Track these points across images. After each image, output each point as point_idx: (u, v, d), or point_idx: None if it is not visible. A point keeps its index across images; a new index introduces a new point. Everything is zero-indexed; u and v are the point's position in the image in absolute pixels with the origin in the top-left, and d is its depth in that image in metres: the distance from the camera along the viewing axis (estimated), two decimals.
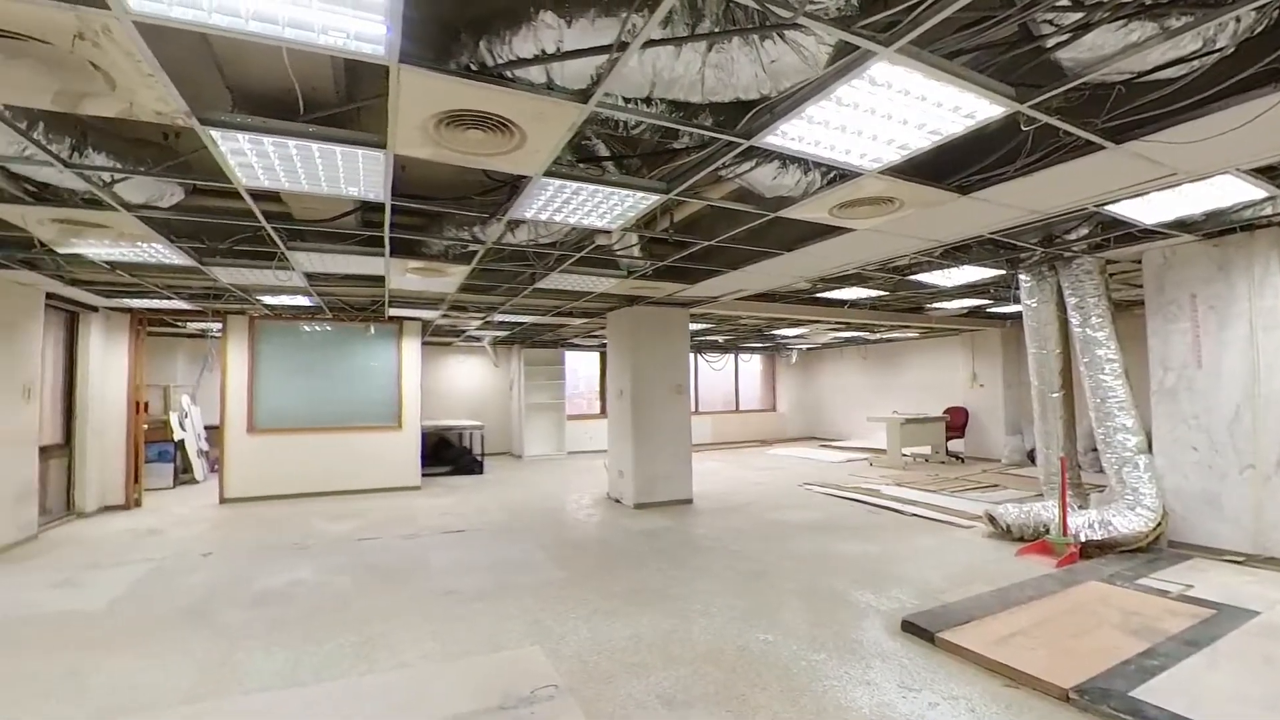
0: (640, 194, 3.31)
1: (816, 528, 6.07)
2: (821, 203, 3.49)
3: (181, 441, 8.98)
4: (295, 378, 8.27)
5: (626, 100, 2.36)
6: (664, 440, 7.36)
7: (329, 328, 8.44)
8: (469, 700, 2.75)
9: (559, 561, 4.97)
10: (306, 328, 8.35)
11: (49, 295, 6.11)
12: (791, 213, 3.65)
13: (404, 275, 5.37)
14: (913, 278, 6.16)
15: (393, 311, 7.90)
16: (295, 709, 2.73)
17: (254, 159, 2.76)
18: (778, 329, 10.56)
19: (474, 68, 2.12)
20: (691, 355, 12.00)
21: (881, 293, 7.09)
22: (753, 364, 15.80)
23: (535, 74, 2.14)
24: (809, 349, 15.16)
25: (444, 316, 8.33)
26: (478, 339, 11.73)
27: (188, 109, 2.28)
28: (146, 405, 7.93)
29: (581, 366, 14.22)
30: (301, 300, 6.83)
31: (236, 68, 2.44)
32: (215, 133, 2.47)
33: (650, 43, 1.97)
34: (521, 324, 9.36)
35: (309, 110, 2.50)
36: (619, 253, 4.90)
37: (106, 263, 4.80)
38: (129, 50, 1.88)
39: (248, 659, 3.20)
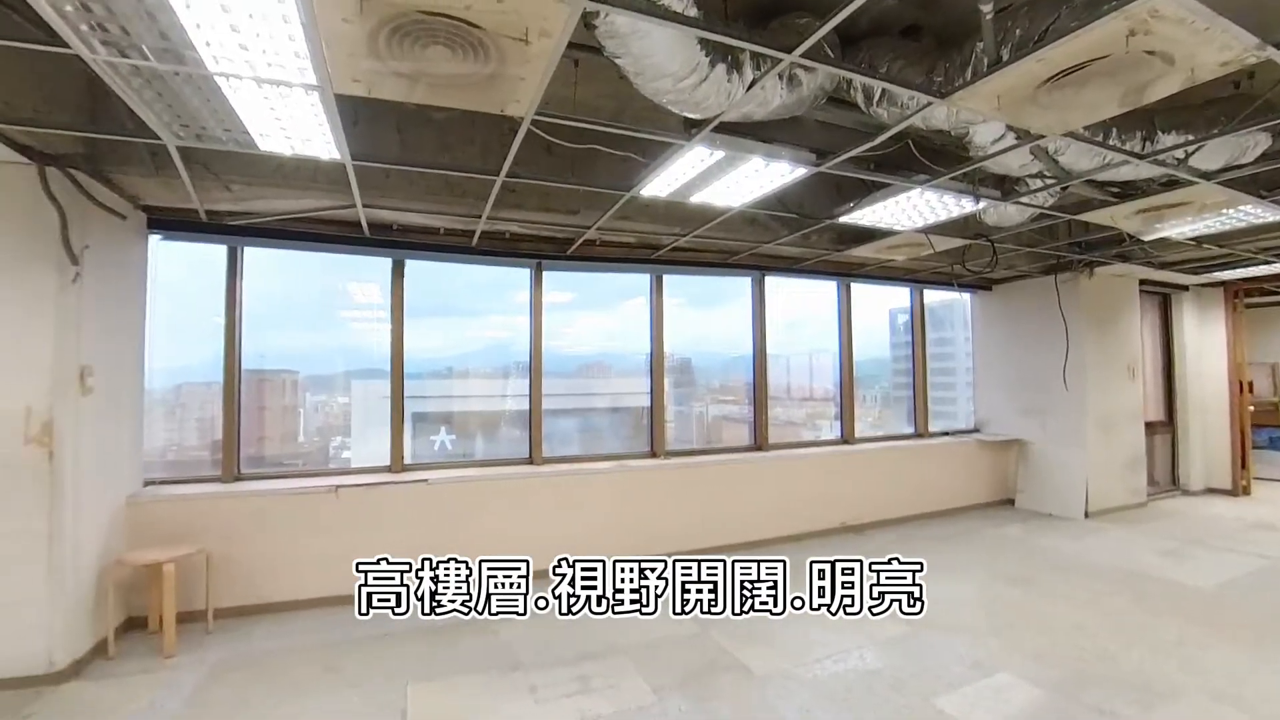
0: None
1: None
2: None
3: None
4: None
5: None
6: None
7: None
8: None
9: None
10: None
11: (1141, 282, 6.55)
12: None
13: None
14: None
15: None
16: None
17: None
18: None
19: None
20: None
21: None
22: None
23: None
24: None
25: None
26: None
27: (1257, 41, 1.98)
28: (1250, 385, 7.22)
29: None
30: None
31: None
32: None
33: None
34: None
35: None
36: None
37: (1191, 239, 4.73)
38: (1180, 18, 1.82)
39: None
